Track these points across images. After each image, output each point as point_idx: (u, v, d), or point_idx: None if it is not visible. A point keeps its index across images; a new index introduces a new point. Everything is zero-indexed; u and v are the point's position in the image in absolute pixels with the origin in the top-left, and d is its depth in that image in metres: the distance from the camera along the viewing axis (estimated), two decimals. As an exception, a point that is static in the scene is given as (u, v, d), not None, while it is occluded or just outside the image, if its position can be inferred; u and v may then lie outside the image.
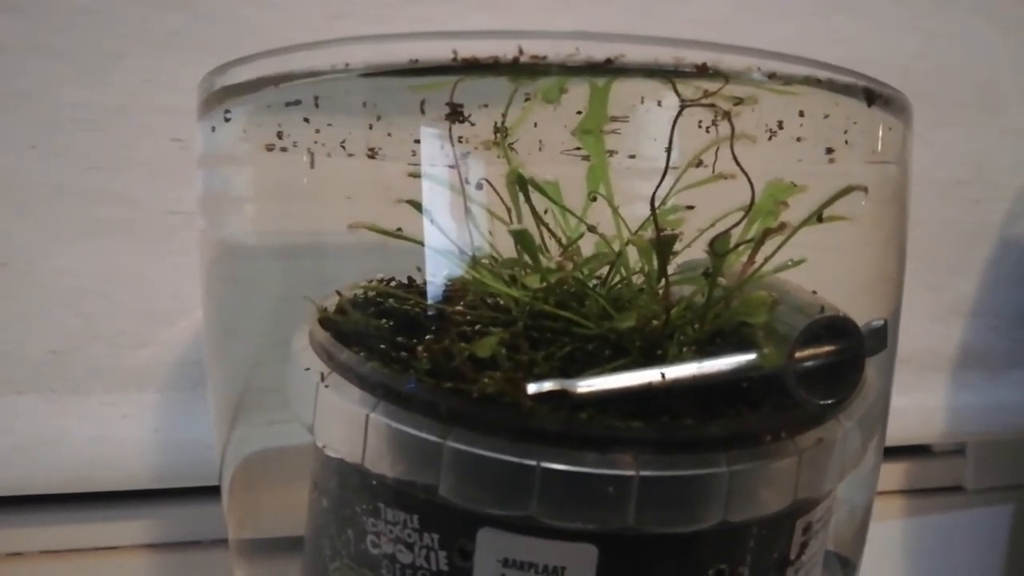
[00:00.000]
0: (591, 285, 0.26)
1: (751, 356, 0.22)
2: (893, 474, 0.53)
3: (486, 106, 0.24)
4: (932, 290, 0.52)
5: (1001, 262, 0.53)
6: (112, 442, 0.39)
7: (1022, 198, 0.53)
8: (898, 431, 0.51)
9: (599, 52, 0.19)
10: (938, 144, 0.50)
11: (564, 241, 0.27)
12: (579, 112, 0.26)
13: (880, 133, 0.26)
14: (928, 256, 0.52)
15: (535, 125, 0.26)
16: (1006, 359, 0.54)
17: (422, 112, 0.23)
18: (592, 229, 0.27)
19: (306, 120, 0.24)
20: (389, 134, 0.25)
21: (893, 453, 0.53)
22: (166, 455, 0.40)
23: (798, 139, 0.26)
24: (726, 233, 0.22)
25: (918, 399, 0.51)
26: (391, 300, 0.27)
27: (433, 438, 0.21)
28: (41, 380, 0.39)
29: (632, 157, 0.27)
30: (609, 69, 0.20)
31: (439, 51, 0.20)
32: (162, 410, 0.40)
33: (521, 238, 0.24)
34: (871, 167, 0.27)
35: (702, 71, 0.20)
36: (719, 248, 0.22)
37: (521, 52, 0.19)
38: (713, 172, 0.26)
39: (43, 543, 0.41)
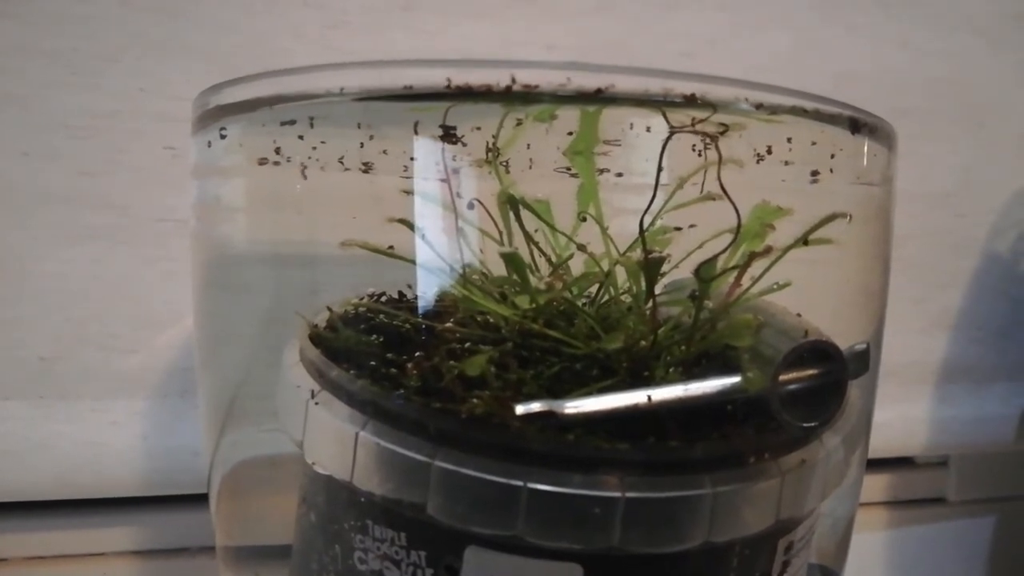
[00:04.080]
0: (580, 304, 0.27)
1: (736, 379, 0.22)
2: (876, 486, 0.54)
3: (479, 128, 0.24)
4: (917, 302, 0.53)
5: (986, 275, 0.54)
6: (101, 448, 0.39)
7: (1007, 212, 0.54)
8: (882, 443, 0.51)
9: (590, 82, 0.20)
10: (924, 157, 0.51)
11: (554, 260, 0.27)
12: (570, 133, 0.26)
13: (865, 159, 0.26)
14: (913, 269, 0.52)
15: (528, 146, 0.26)
16: (990, 372, 0.55)
17: (415, 133, 0.23)
18: (582, 249, 0.27)
19: (300, 138, 0.25)
20: (384, 151, 0.26)
21: (877, 465, 0.53)
22: (154, 462, 0.40)
23: (786, 163, 0.26)
24: (712, 259, 0.22)
25: (902, 411, 0.52)
26: (381, 316, 0.27)
27: (421, 457, 0.21)
28: (30, 386, 0.39)
29: (619, 175, 0.27)
30: (600, 99, 0.20)
31: (433, 78, 0.20)
32: (151, 417, 0.40)
33: (511, 260, 0.24)
34: (856, 189, 0.27)
35: (690, 101, 0.20)
36: (705, 274, 0.22)
37: (514, 81, 0.20)
38: (702, 193, 0.26)
39: (30, 549, 0.41)
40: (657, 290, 0.25)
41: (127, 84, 0.38)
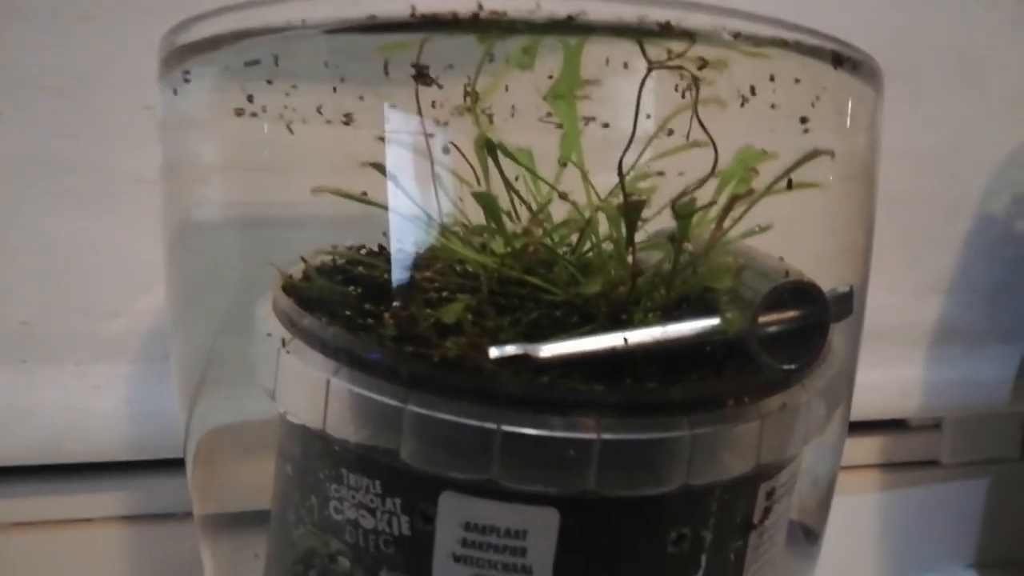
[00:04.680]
0: (561, 252, 0.26)
1: (715, 321, 0.22)
2: (870, 448, 0.54)
3: (451, 67, 0.23)
4: (910, 265, 0.52)
5: (979, 237, 0.53)
6: (84, 413, 0.39)
7: (1001, 173, 0.53)
8: (875, 405, 0.51)
9: (560, 9, 0.19)
10: (917, 118, 0.50)
11: (535, 207, 0.27)
12: (551, 76, 0.26)
13: (849, 98, 0.25)
14: (906, 231, 0.52)
15: (506, 88, 0.25)
16: (983, 334, 0.54)
17: (385, 73, 0.22)
18: (563, 196, 0.26)
19: (269, 82, 0.24)
20: (361, 97, 0.25)
21: (870, 427, 0.53)
22: (139, 426, 0.39)
23: (772, 106, 0.26)
24: (691, 196, 0.22)
25: (895, 374, 0.52)
26: (360, 267, 0.27)
27: (394, 402, 0.21)
28: (12, 351, 0.39)
29: (606, 127, 0.26)
30: (571, 26, 0.19)
31: (398, 7, 0.20)
32: (135, 381, 0.40)
33: (485, 201, 0.23)
34: (840, 132, 0.27)
35: (666, 29, 0.20)
36: (682, 211, 0.22)
37: (480, 8, 0.19)
38: (688, 139, 0.26)
39: (15, 515, 0.40)
40: (640, 238, 0.24)
41: (104, 43, 0.38)
